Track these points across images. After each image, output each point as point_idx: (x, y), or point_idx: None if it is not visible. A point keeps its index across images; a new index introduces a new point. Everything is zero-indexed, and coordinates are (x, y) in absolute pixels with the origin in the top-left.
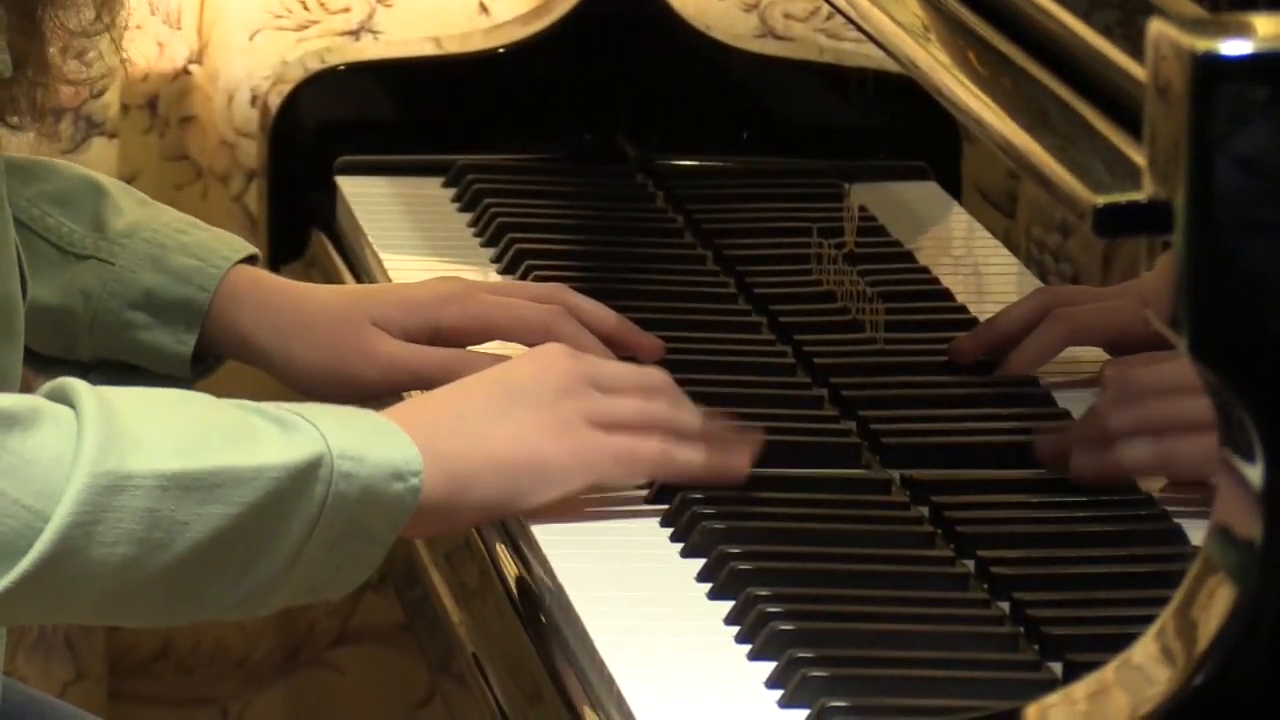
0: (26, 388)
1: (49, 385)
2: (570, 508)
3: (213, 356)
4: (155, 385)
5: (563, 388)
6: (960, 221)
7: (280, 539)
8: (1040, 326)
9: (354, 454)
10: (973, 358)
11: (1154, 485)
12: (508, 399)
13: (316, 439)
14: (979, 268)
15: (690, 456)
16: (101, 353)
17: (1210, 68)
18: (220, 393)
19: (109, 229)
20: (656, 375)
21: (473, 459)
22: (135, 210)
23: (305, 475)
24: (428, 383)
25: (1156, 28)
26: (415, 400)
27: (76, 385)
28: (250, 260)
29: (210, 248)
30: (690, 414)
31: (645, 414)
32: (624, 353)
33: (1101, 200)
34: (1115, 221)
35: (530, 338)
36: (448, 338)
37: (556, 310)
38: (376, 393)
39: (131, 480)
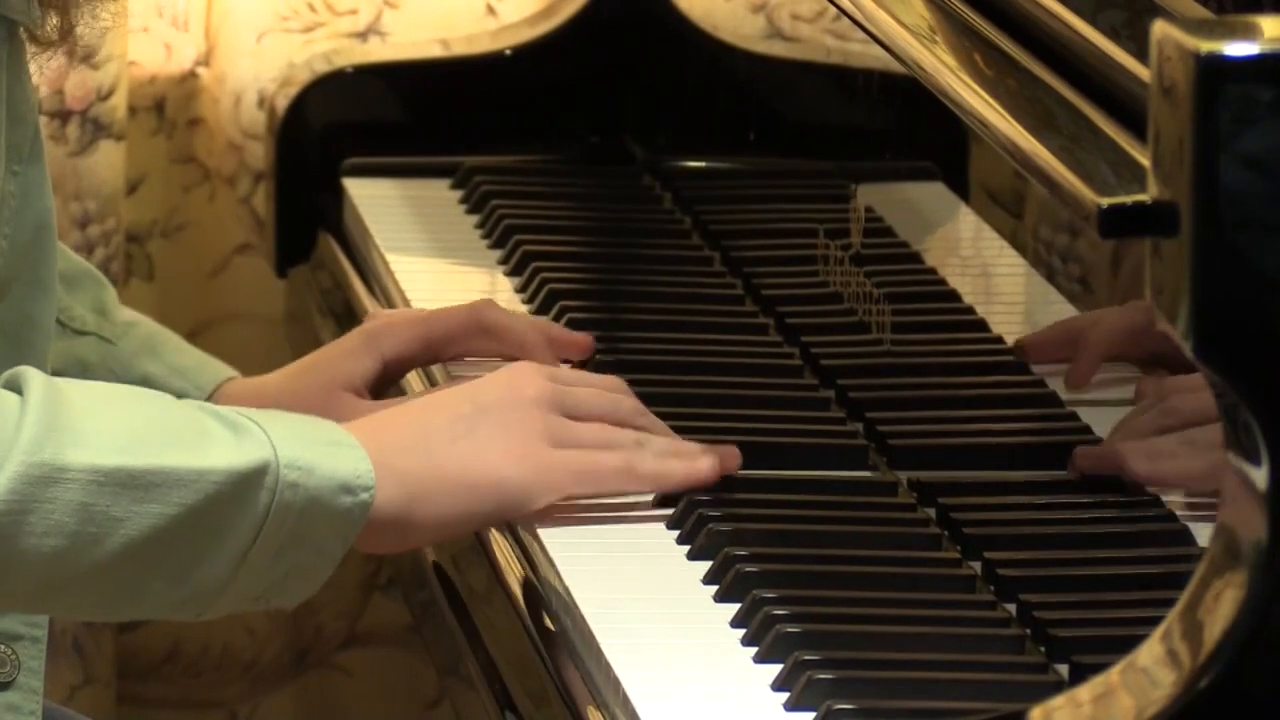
0: None
1: (8, 373)
2: (576, 510)
3: None
4: None
5: (530, 409)
6: (968, 222)
7: (222, 543)
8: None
9: (302, 464)
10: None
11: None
12: (473, 417)
13: (265, 446)
14: (986, 269)
15: (656, 467)
16: None
17: (1214, 69)
18: None
19: (111, 316)
20: (626, 403)
21: (431, 477)
22: (132, 312)
23: (249, 482)
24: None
25: (1160, 29)
26: (380, 415)
27: (31, 374)
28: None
29: (205, 360)
30: (660, 434)
31: (609, 440)
32: (560, 353)
33: (1106, 202)
34: (1120, 223)
35: (462, 346)
36: (393, 366)
37: (474, 314)
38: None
39: (66, 473)
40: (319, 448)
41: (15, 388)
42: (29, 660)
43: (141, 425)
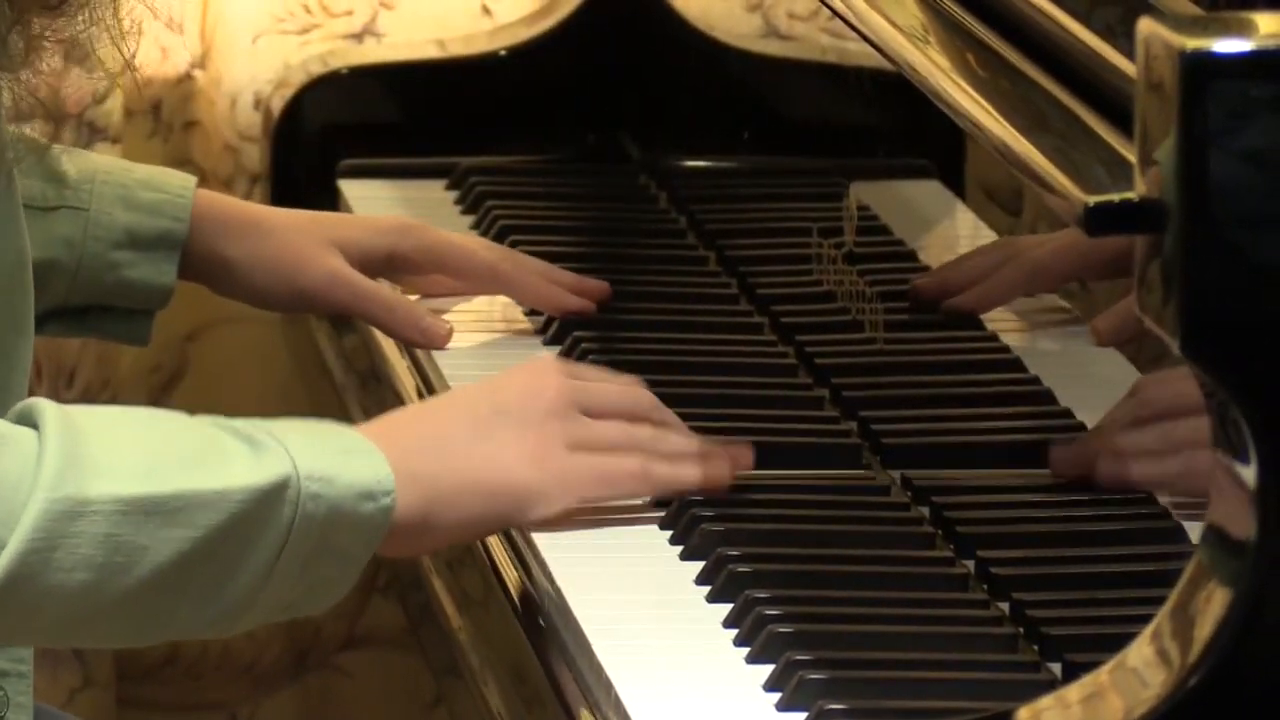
0: None
1: (18, 408)
2: (571, 511)
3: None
4: (117, 324)
5: (548, 411)
6: (964, 220)
7: (247, 560)
8: (999, 270)
9: (322, 475)
10: (929, 298)
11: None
12: (491, 419)
13: (284, 460)
14: None
15: (671, 473)
16: (72, 300)
17: (1200, 66)
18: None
19: (65, 178)
20: (644, 398)
21: (450, 481)
22: (80, 159)
23: (271, 497)
24: (363, 308)
25: (1146, 26)
26: (395, 415)
27: (43, 406)
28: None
29: (162, 180)
30: (677, 433)
31: (628, 438)
32: (572, 294)
33: (1093, 200)
34: (1107, 220)
35: (475, 277)
36: (399, 265)
37: (505, 253)
38: (313, 303)
39: (90, 506)
40: (337, 456)
41: (29, 422)
42: (17, 696)
43: (158, 448)
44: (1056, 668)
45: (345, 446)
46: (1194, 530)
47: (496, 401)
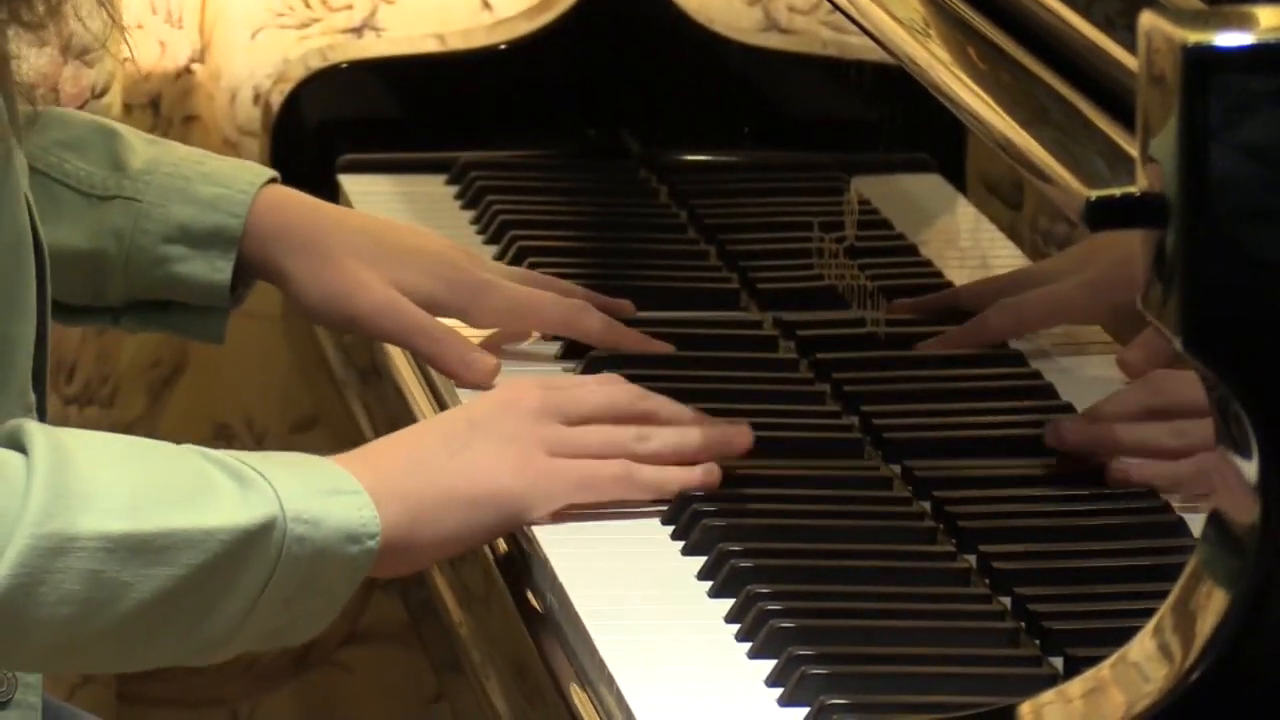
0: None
1: (8, 426)
2: (571, 506)
3: (243, 285)
4: (191, 320)
5: (525, 419)
6: (965, 214)
7: (230, 597)
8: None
9: (309, 517)
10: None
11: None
12: (467, 433)
13: (271, 500)
14: (984, 260)
15: (655, 476)
16: (135, 294)
17: (1201, 59)
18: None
19: (128, 168)
20: (623, 395)
21: (431, 495)
22: (148, 148)
23: (256, 539)
24: (410, 342)
25: (1148, 20)
26: (377, 444)
27: (32, 430)
28: (273, 182)
29: (232, 175)
30: (664, 431)
31: (609, 440)
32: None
33: (1094, 194)
34: (1108, 215)
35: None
36: (466, 321)
37: (575, 306)
38: (362, 330)
39: (76, 542)
40: (323, 497)
41: (17, 445)
42: (26, 676)
43: (146, 482)
44: (1058, 662)
45: (332, 486)
46: (1195, 525)
47: (472, 417)
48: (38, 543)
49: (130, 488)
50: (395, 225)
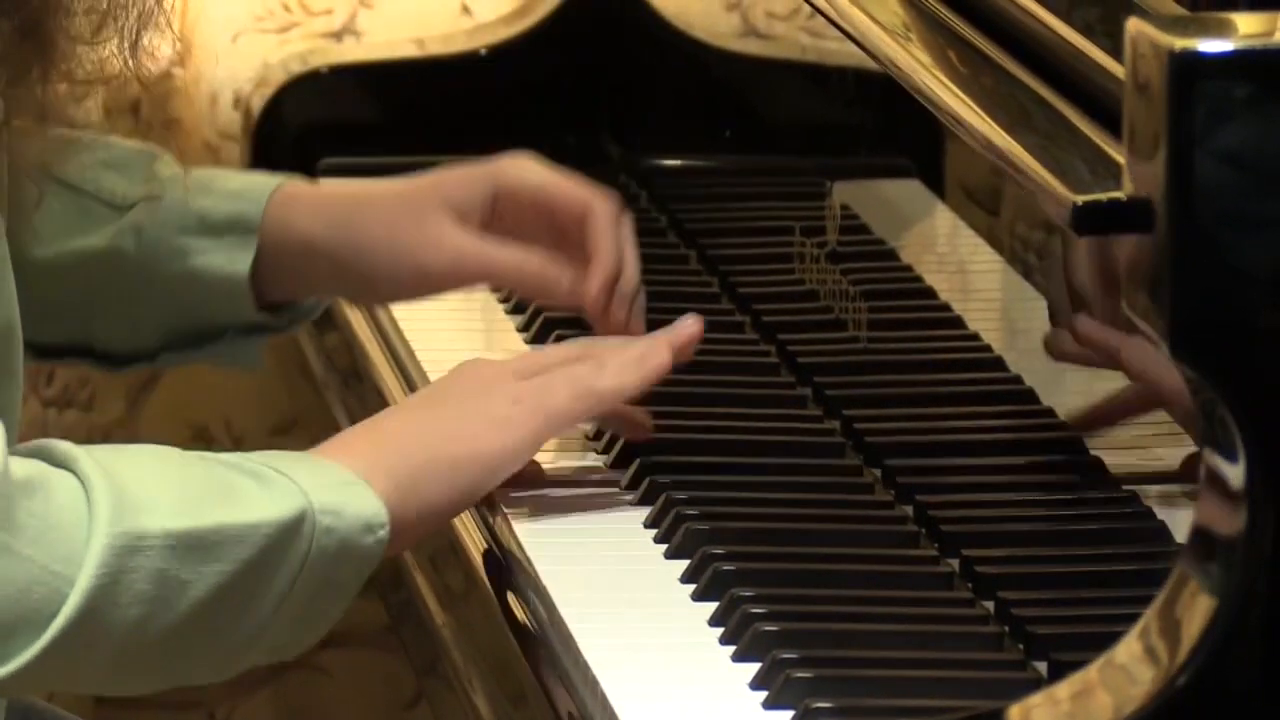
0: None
1: (31, 445)
2: (553, 508)
3: (286, 308)
4: (225, 349)
5: (487, 381)
6: (944, 219)
7: (263, 596)
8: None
9: (333, 508)
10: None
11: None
12: (433, 405)
13: (297, 494)
14: (963, 266)
15: (611, 381)
16: (158, 305)
17: (1188, 66)
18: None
19: (159, 177)
20: (578, 345)
21: (411, 467)
22: (182, 165)
23: (291, 530)
24: (498, 278)
25: (1134, 26)
26: (339, 437)
27: (65, 446)
28: None
29: (261, 178)
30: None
31: (569, 378)
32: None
33: (1081, 199)
34: (1094, 220)
35: (572, 207)
36: (504, 202)
37: (598, 194)
38: (445, 285)
39: (145, 540)
40: (340, 489)
41: (54, 461)
42: None
43: (183, 485)
44: (1042, 666)
45: (341, 479)
46: (1179, 528)
47: (436, 390)
48: (114, 541)
49: (172, 489)
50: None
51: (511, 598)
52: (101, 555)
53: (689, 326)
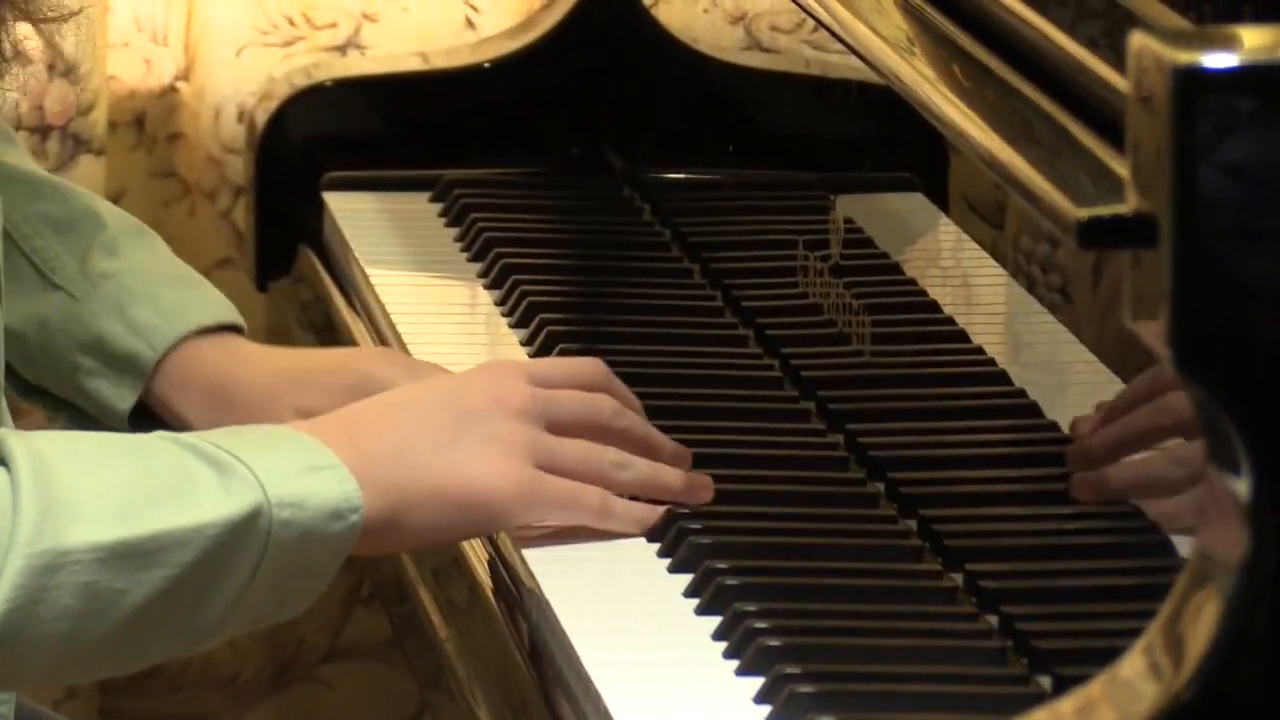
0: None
1: None
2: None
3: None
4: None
5: (513, 421)
6: (947, 233)
7: (220, 588)
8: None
9: (292, 500)
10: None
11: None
12: (456, 426)
13: (254, 487)
14: (967, 279)
15: (625, 510)
16: (51, 388)
17: (1192, 80)
18: None
19: (92, 267)
20: (606, 404)
21: (415, 490)
22: (129, 253)
23: (243, 528)
24: None
25: (1138, 40)
26: (357, 412)
27: (11, 443)
28: (233, 329)
29: (181, 309)
30: (637, 434)
31: (591, 461)
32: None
33: (1084, 213)
34: (1098, 234)
35: None
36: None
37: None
38: None
39: (69, 557)
40: (304, 476)
41: None
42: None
43: (128, 485)
44: (1046, 681)
45: (311, 462)
46: (1183, 543)
47: (461, 407)
48: (31, 562)
49: (115, 493)
50: (310, 354)
51: (515, 611)
52: (17, 578)
53: (705, 490)
